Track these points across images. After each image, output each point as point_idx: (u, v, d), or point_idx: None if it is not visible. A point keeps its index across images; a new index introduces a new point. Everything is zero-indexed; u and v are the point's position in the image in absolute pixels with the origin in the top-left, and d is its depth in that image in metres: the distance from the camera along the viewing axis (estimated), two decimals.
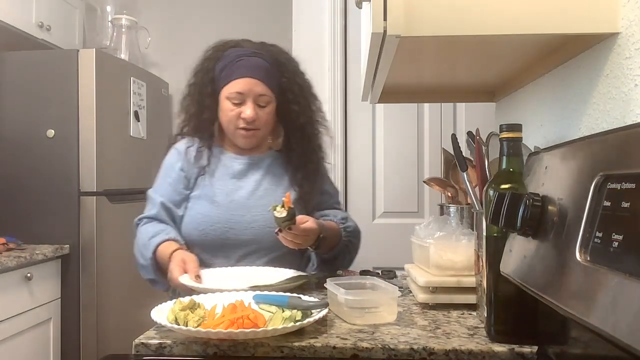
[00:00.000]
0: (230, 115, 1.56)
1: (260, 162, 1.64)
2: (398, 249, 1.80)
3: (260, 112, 1.57)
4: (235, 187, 1.60)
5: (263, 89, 1.56)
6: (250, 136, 1.59)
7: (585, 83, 0.99)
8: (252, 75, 1.55)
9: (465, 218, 1.38)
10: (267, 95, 1.57)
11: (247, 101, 1.55)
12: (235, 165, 1.62)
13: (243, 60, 1.56)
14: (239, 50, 1.59)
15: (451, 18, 0.89)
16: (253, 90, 1.54)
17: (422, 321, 1.09)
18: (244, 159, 1.63)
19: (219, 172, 1.61)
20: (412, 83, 1.53)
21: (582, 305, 0.56)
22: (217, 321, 0.98)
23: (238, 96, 1.54)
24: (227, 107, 1.56)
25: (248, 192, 1.59)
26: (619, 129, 0.59)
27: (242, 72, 1.55)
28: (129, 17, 3.21)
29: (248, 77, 1.55)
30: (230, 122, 1.58)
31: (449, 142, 1.31)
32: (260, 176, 1.62)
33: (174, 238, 1.52)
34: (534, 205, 0.71)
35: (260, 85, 1.55)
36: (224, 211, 1.55)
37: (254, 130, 1.58)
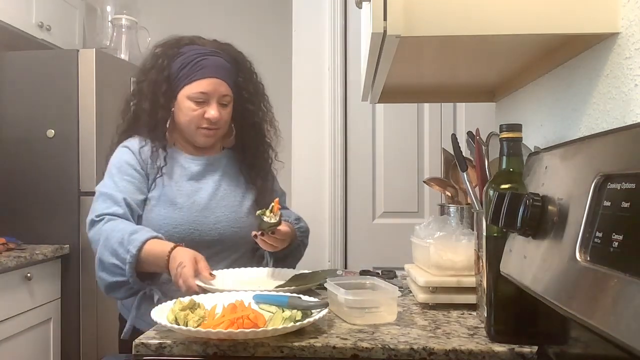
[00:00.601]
0: (192, 115, 1.53)
1: (217, 163, 1.63)
2: (398, 249, 1.80)
3: (222, 111, 1.56)
4: (194, 188, 1.57)
5: (226, 89, 1.55)
6: (211, 135, 1.58)
7: (585, 83, 0.99)
8: (216, 75, 1.54)
9: (465, 218, 1.38)
10: (229, 95, 1.57)
11: (211, 101, 1.53)
12: (193, 167, 1.60)
13: (205, 59, 1.54)
14: (197, 48, 1.56)
15: (451, 18, 0.89)
16: (217, 90, 1.53)
17: (422, 321, 1.09)
18: (201, 159, 1.61)
19: (176, 174, 1.57)
20: (412, 83, 1.53)
21: (582, 305, 0.55)
22: (217, 321, 0.98)
23: (202, 96, 1.52)
24: (188, 107, 1.53)
25: (209, 194, 1.57)
26: (619, 129, 0.59)
27: (206, 72, 1.53)
28: (129, 17, 3.21)
29: (212, 77, 1.53)
30: (192, 122, 1.55)
31: (449, 142, 1.31)
32: (218, 177, 1.61)
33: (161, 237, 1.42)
34: (534, 205, 0.71)
35: (223, 85, 1.55)
36: (186, 213, 1.52)
37: (216, 130, 1.57)
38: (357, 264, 2.64)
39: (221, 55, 1.57)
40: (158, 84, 1.56)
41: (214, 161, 1.63)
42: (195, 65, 1.53)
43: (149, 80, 1.58)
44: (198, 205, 1.54)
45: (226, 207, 1.56)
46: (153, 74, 1.58)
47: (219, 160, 1.64)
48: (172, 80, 1.56)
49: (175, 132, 1.62)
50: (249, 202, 1.62)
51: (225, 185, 1.61)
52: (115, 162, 1.57)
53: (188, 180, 1.58)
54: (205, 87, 1.52)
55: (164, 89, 1.55)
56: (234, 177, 1.64)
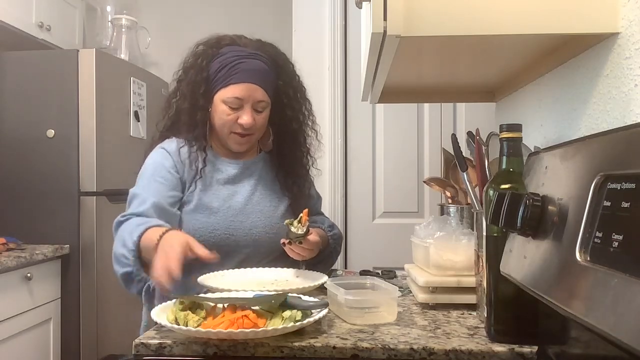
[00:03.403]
0: (226, 119, 1.51)
1: (254, 167, 1.61)
2: (398, 249, 1.80)
3: (257, 117, 1.52)
4: (231, 192, 1.55)
5: (262, 94, 1.51)
6: (245, 142, 1.55)
7: (585, 83, 0.99)
8: (252, 80, 1.50)
9: (465, 218, 1.38)
10: (265, 101, 1.53)
11: (245, 107, 1.50)
12: (230, 170, 1.58)
13: (243, 63, 1.50)
14: (236, 49, 1.53)
15: (451, 18, 0.89)
16: (252, 96, 1.50)
17: (422, 321, 1.09)
18: (238, 163, 1.59)
19: (213, 177, 1.56)
20: (412, 83, 1.53)
21: (582, 305, 0.55)
22: (217, 321, 0.98)
23: (236, 101, 1.49)
24: (223, 111, 1.51)
25: (245, 198, 1.55)
26: (619, 129, 0.59)
27: (242, 76, 1.49)
28: (129, 17, 3.21)
29: (248, 82, 1.49)
30: (225, 126, 1.52)
31: (449, 142, 1.31)
32: (254, 181, 1.59)
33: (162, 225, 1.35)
34: (534, 205, 0.71)
35: (259, 91, 1.50)
36: (222, 218, 1.50)
37: (249, 136, 1.54)
38: (357, 264, 2.64)
39: (261, 58, 1.53)
40: (197, 84, 1.53)
41: (251, 165, 1.61)
42: (232, 68, 1.50)
43: (188, 80, 1.56)
44: (234, 210, 1.52)
45: (261, 212, 1.54)
46: (192, 74, 1.55)
47: (256, 164, 1.61)
48: (210, 81, 1.53)
49: (212, 135, 1.59)
50: (284, 208, 1.59)
51: (261, 190, 1.59)
52: (149, 164, 1.54)
53: (225, 184, 1.56)
54: (240, 93, 1.49)
55: (202, 89, 1.53)
56: (269, 182, 1.61)
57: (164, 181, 1.50)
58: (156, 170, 1.52)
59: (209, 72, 1.53)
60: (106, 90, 2.65)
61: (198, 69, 1.54)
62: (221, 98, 1.50)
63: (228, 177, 1.57)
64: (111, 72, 2.71)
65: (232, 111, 1.50)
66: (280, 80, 1.58)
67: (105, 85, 2.64)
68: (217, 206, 1.52)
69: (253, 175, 1.60)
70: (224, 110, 1.50)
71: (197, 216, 1.50)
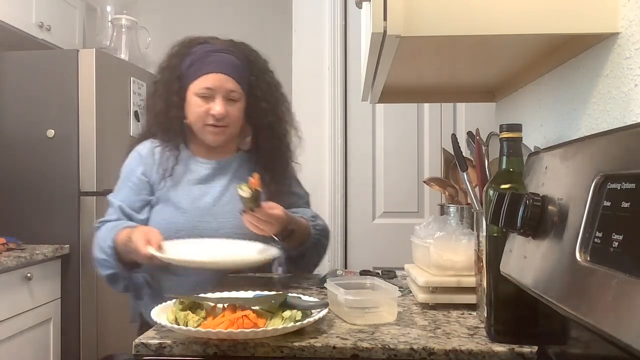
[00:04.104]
0: (198, 111, 1.52)
1: (228, 166, 1.60)
2: (398, 249, 1.80)
3: (230, 108, 1.53)
4: (201, 192, 1.55)
5: (233, 85, 1.52)
6: (219, 133, 1.54)
7: (585, 83, 0.99)
8: (221, 70, 1.52)
9: (465, 218, 1.38)
10: (237, 92, 1.54)
11: (216, 97, 1.51)
12: (202, 170, 1.58)
13: (213, 56, 1.53)
14: (208, 46, 1.56)
15: (451, 18, 0.89)
16: (223, 86, 1.51)
17: (422, 321, 1.09)
18: (211, 163, 1.59)
19: (184, 177, 1.56)
20: (412, 83, 1.53)
21: (582, 305, 0.55)
22: (217, 321, 0.98)
23: (207, 92, 1.51)
24: (195, 103, 1.52)
25: (214, 198, 1.55)
26: (619, 129, 0.59)
27: (212, 67, 1.51)
28: (129, 17, 3.21)
29: (218, 72, 1.51)
30: (199, 119, 1.53)
31: (449, 142, 1.31)
32: (226, 181, 1.58)
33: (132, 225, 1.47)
34: (534, 205, 0.71)
35: (230, 81, 1.52)
36: (189, 218, 1.50)
37: (224, 127, 1.54)
38: (357, 264, 2.64)
39: (231, 52, 1.56)
40: (170, 83, 1.56)
41: (225, 164, 1.60)
42: (202, 62, 1.53)
43: (163, 81, 1.59)
44: (201, 210, 1.52)
45: (231, 212, 1.49)
46: (166, 74, 1.59)
47: (230, 164, 1.61)
48: (183, 78, 1.55)
49: (190, 134, 1.60)
50: None
51: (233, 191, 1.53)
52: (122, 169, 1.61)
53: (196, 184, 1.56)
54: (210, 82, 1.51)
55: (176, 87, 1.56)
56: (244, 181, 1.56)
57: (133, 186, 1.56)
58: (127, 175, 1.58)
59: (181, 70, 1.56)
60: (106, 90, 2.65)
61: (171, 69, 1.58)
62: (193, 91, 1.52)
63: (199, 177, 1.57)
64: (111, 72, 2.71)
65: (203, 102, 1.52)
66: (252, 75, 1.59)
67: (105, 85, 2.64)
68: (186, 206, 1.52)
69: (226, 174, 1.59)
70: (196, 102, 1.52)
71: (164, 215, 1.52)
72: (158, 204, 1.54)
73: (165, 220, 1.50)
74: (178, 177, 1.56)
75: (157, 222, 1.50)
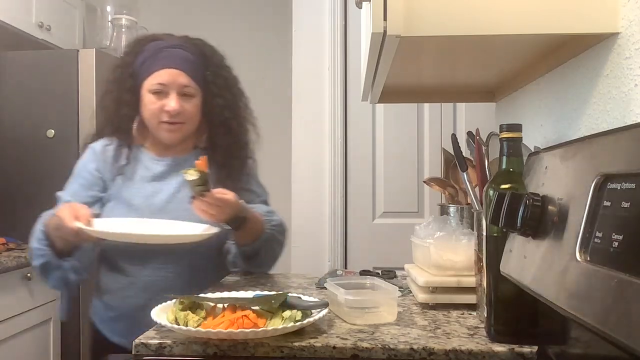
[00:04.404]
0: (152, 108, 1.48)
1: (184, 163, 1.51)
2: (398, 249, 1.80)
3: (185, 104, 1.49)
4: (155, 189, 1.52)
5: (187, 80, 1.49)
6: (174, 130, 1.50)
7: (585, 83, 0.99)
8: (174, 66, 1.48)
9: (465, 218, 1.38)
10: (192, 87, 1.50)
11: (170, 93, 1.47)
12: (157, 167, 1.54)
13: (165, 52, 1.50)
14: (161, 43, 1.53)
15: (451, 18, 0.89)
16: (176, 81, 1.47)
17: (422, 321, 1.09)
18: (166, 160, 1.55)
19: (138, 174, 1.53)
20: (412, 83, 1.53)
21: (582, 305, 0.55)
22: (217, 321, 0.98)
23: (160, 87, 1.47)
24: (149, 101, 1.48)
25: (169, 195, 1.51)
26: (619, 129, 0.59)
27: (164, 63, 1.48)
28: (129, 17, 3.21)
29: (171, 67, 1.48)
30: (153, 116, 1.49)
31: (449, 142, 1.31)
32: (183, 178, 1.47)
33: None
34: (534, 205, 0.71)
35: (183, 76, 1.48)
36: (142, 215, 1.46)
37: (179, 124, 1.50)
38: (357, 264, 2.64)
39: (185, 48, 1.53)
40: (123, 81, 1.53)
41: (182, 162, 1.53)
42: (154, 58, 1.49)
43: (114, 79, 1.56)
44: (154, 208, 1.48)
45: (187, 210, 1.41)
46: (119, 72, 1.56)
47: (187, 161, 1.52)
48: (136, 76, 1.52)
49: (145, 132, 1.57)
50: None
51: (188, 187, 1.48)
52: (76, 165, 1.58)
53: (150, 181, 1.53)
54: (164, 78, 1.47)
55: (128, 85, 1.52)
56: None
57: (84, 181, 1.53)
58: (79, 172, 1.56)
59: (134, 68, 1.53)
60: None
61: (124, 67, 1.55)
62: (147, 88, 1.49)
63: (154, 174, 1.54)
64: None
65: (157, 99, 1.48)
66: (208, 70, 1.56)
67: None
68: (138, 204, 1.49)
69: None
70: (150, 99, 1.49)
71: (116, 213, 1.48)
72: (110, 201, 1.51)
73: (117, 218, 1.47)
74: (131, 174, 1.53)
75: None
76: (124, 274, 1.49)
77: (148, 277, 1.46)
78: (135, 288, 1.47)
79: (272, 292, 1.15)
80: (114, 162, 1.53)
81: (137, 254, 1.47)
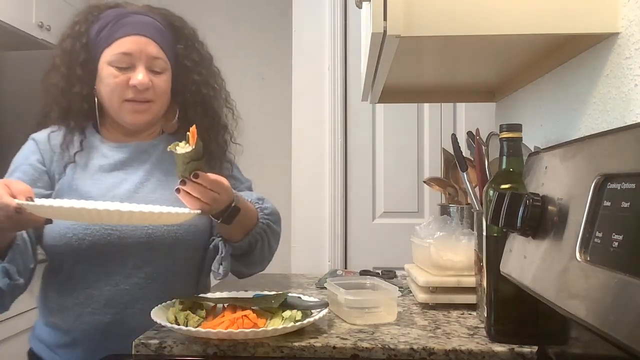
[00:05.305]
0: (114, 83, 1.22)
1: (151, 149, 1.30)
2: (398, 249, 1.80)
3: (155, 79, 1.24)
4: (117, 180, 1.26)
5: (156, 50, 1.25)
6: (142, 110, 1.25)
7: (585, 83, 0.99)
8: (141, 32, 1.23)
9: (465, 218, 1.38)
10: (162, 59, 1.26)
11: (137, 65, 1.23)
12: (117, 155, 1.28)
13: (129, 17, 1.25)
14: (120, 10, 1.28)
15: (451, 18, 0.89)
16: (144, 50, 1.23)
17: (422, 321, 1.09)
18: (129, 146, 1.29)
19: (94, 163, 1.27)
20: (412, 83, 1.53)
21: (582, 305, 0.56)
22: (217, 321, 0.98)
23: (125, 58, 1.22)
24: (110, 74, 1.22)
25: (134, 185, 1.25)
26: (619, 129, 0.59)
27: (129, 29, 1.23)
28: None
29: (137, 34, 1.23)
30: (114, 93, 1.23)
31: (449, 142, 1.31)
32: (150, 166, 1.29)
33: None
34: (534, 205, 0.71)
35: (152, 45, 1.24)
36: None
37: (148, 103, 1.25)
38: (357, 264, 2.64)
39: (151, 15, 1.29)
40: (74, 53, 1.27)
41: (148, 147, 1.31)
42: (115, 24, 1.24)
43: (63, 51, 1.29)
44: (120, 199, 1.20)
45: (157, 201, 1.20)
46: (68, 44, 1.28)
47: (154, 147, 1.31)
48: (91, 47, 1.26)
49: (102, 116, 1.31)
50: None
51: (158, 176, 1.28)
52: (15, 159, 1.32)
53: (111, 171, 1.27)
54: (129, 47, 1.22)
55: (81, 58, 1.26)
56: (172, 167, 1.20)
57: (24, 177, 1.23)
58: (18, 165, 1.29)
59: (89, 37, 1.27)
60: None
61: (75, 37, 1.28)
62: (106, 60, 1.24)
63: (114, 162, 1.28)
64: None
65: (120, 72, 1.23)
66: (179, 43, 1.33)
67: None
68: (97, 194, 1.22)
69: (149, 159, 1.30)
70: (111, 73, 1.23)
71: None
72: (62, 196, 1.22)
73: None
74: (85, 164, 1.27)
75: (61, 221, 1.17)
76: (81, 284, 1.21)
77: (113, 288, 1.21)
78: (95, 302, 1.20)
79: (272, 292, 1.15)
80: (62, 151, 1.27)
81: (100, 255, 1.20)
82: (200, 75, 1.35)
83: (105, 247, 1.19)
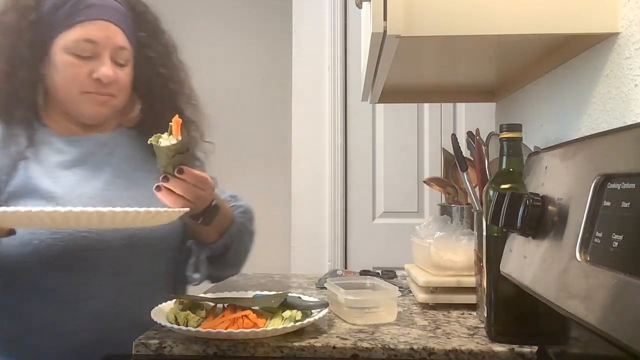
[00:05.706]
0: (73, 73, 1.09)
1: (113, 142, 1.19)
2: (398, 249, 1.80)
3: (119, 72, 1.13)
4: (80, 177, 1.13)
5: (124, 40, 1.12)
6: (102, 103, 1.13)
7: (585, 83, 0.99)
8: (108, 17, 1.10)
9: (465, 218, 1.38)
10: (128, 50, 1.14)
11: (101, 55, 1.09)
12: (75, 150, 1.15)
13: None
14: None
15: (451, 18, 0.89)
16: (112, 40, 1.10)
17: (422, 321, 1.09)
18: (88, 140, 1.16)
19: (49, 160, 1.13)
20: (412, 83, 1.53)
21: (582, 305, 0.56)
22: (217, 321, 0.98)
23: (87, 46, 1.08)
24: (68, 63, 1.09)
25: (104, 183, 1.13)
26: (619, 129, 0.59)
27: (94, 12, 1.08)
28: None
29: (103, 19, 1.09)
30: (73, 84, 1.10)
31: (449, 142, 1.31)
32: (117, 160, 1.18)
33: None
34: (534, 205, 0.71)
35: (119, 34, 1.11)
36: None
37: (109, 97, 1.13)
38: (357, 264, 2.64)
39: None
40: (19, 32, 1.10)
41: (109, 140, 1.19)
42: (76, 3, 1.09)
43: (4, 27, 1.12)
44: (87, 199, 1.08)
45: (131, 198, 1.10)
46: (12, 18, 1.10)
47: (116, 140, 1.20)
48: (42, 26, 1.10)
49: (49, 106, 1.17)
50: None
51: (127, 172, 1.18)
52: None
53: (70, 167, 1.14)
54: (94, 33, 1.08)
55: (28, 38, 1.10)
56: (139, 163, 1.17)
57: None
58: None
59: (40, 13, 1.10)
60: None
61: (20, 12, 1.11)
62: (64, 45, 1.09)
63: (73, 158, 1.14)
64: None
65: (82, 62, 1.09)
66: (142, 31, 1.21)
67: None
68: (62, 193, 1.08)
69: (113, 154, 1.19)
70: (70, 62, 1.09)
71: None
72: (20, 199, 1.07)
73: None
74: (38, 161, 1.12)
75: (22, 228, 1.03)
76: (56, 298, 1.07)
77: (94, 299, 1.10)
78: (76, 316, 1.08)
79: (272, 292, 1.15)
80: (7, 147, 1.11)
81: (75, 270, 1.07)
82: (166, 67, 1.24)
83: (75, 253, 1.06)
